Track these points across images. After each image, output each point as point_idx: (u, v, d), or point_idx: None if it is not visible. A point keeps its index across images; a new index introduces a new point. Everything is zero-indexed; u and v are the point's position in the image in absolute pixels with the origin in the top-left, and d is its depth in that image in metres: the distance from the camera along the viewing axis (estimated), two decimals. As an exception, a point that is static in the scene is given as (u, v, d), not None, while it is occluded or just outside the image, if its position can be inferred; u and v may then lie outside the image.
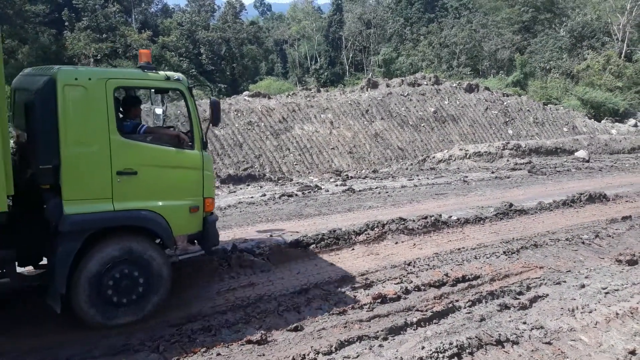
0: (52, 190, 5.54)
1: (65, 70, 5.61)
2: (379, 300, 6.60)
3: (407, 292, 6.91)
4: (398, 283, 7.21)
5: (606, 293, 6.93)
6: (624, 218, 10.66)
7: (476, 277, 7.45)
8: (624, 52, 35.92)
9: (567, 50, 38.20)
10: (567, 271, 7.83)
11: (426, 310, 6.36)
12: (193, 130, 6.41)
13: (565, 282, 7.37)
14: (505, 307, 6.50)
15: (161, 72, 6.25)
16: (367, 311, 6.35)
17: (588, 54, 35.67)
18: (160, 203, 6.06)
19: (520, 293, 6.94)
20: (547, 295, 6.90)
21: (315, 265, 7.91)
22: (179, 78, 6.27)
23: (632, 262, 8.08)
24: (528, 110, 25.27)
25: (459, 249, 8.69)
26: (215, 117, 6.43)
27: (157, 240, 6.17)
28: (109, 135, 5.70)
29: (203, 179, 6.41)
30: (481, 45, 41.11)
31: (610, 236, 9.54)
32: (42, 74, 5.76)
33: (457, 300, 6.69)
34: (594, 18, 39.26)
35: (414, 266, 7.89)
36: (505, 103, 25.04)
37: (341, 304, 6.53)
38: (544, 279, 7.45)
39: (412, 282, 7.24)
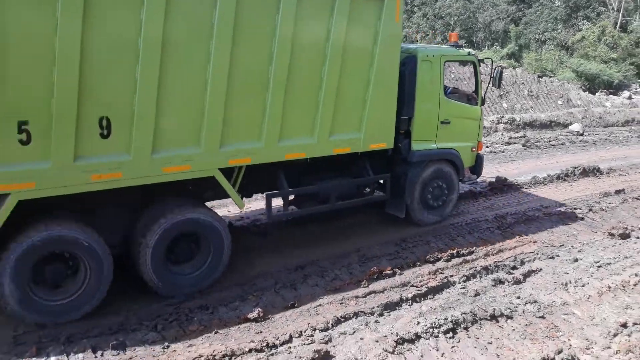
0: (405, 134, 7.90)
1: (421, 49, 7.87)
2: (374, 277, 6.67)
3: (402, 268, 6.98)
4: (393, 259, 7.27)
5: (599, 267, 7.02)
6: (617, 192, 10.73)
7: (470, 252, 7.51)
8: (619, 22, 35.64)
9: (562, 21, 37.86)
10: (560, 245, 7.92)
11: (421, 286, 6.43)
12: (477, 92, 8.93)
13: (558, 256, 7.46)
14: (499, 281, 6.59)
15: (465, 49, 8.90)
16: (362, 287, 6.40)
17: (583, 25, 35.40)
18: (458, 144, 8.59)
19: (514, 268, 7.02)
20: (541, 269, 6.98)
21: (311, 242, 7.93)
22: (474, 54, 8.97)
23: (624, 236, 8.16)
24: (523, 83, 25.11)
25: (452, 224, 8.74)
26: (498, 81, 8.88)
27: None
28: (439, 95, 8.10)
29: (479, 127, 9.02)
30: (476, 17, 40.67)
31: (603, 210, 9.62)
32: (407, 52, 7.73)
33: (451, 276, 6.76)
34: (589, -13, 38.86)
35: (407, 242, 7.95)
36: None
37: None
38: (537, 254, 7.53)
39: (407, 257, 7.30)
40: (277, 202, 7.47)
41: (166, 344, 5.14)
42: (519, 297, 6.14)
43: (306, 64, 6.30)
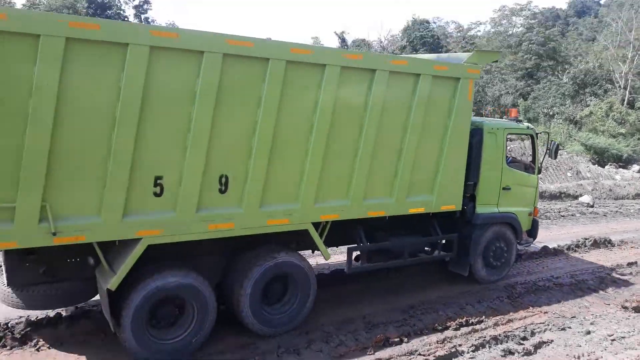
0: (470, 198, 8.53)
1: (487, 123, 8.65)
2: (381, 344, 6.49)
3: (409, 335, 6.80)
4: (400, 326, 7.10)
5: (612, 340, 6.80)
6: (630, 264, 10.55)
7: (479, 322, 7.33)
8: (626, 99, 36.29)
9: (570, 97, 38.59)
10: (572, 317, 7.71)
11: (429, 355, 6.24)
12: (534, 161, 9.78)
13: (570, 327, 7.25)
14: (509, 352, 6.38)
15: (524, 124, 9.81)
16: (368, 355, 6.23)
17: (591, 101, 36.07)
18: (517, 209, 9.23)
19: (524, 338, 6.82)
20: (552, 341, 6.78)
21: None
22: (532, 128, 9.80)
23: (638, 309, 7.96)
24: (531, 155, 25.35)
25: (461, 293, 8.57)
26: (555, 153, 9.79)
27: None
28: (502, 164, 8.84)
29: (536, 194, 9.75)
30: (485, 91, 41.69)
31: (615, 282, 9.43)
32: (474, 124, 8.31)
33: (460, 345, 6.57)
34: (596, 66, 39.82)
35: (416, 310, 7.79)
36: (508, 148, 25.09)
37: (342, 347, 6.40)
38: (548, 324, 7.33)
39: (415, 325, 7.13)
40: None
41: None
42: (529, 369, 5.93)
43: (391, 134, 7.10)
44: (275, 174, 6.24)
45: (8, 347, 6.06)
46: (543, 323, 7.40)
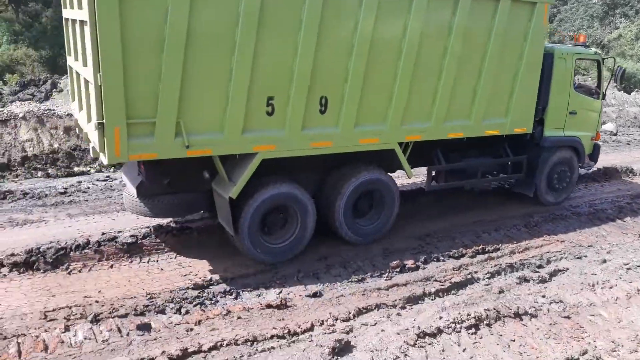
0: (539, 122, 8.88)
1: (557, 48, 8.90)
2: (397, 269, 6.65)
3: (426, 262, 6.94)
4: (417, 253, 7.23)
5: (628, 269, 6.87)
6: (651, 193, 10.47)
7: (496, 250, 7.43)
8: (659, 21, 34.60)
9: (598, 19, 36.93)
10: (588, 246, 7.77)
11: (445, 281, 6.39)
12: (599, 87, 9.92)
13: (586, 256, 7.32)
14: (524, 279, 6.51)
15: (592, 49, 10.09)
16: (385, 280, 6.41)
17: (620, 23, 34.45)
18: (581, 133, 9.55)
19: (540, 266, 6.93)
20: (568, 269, 6.87)
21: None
22: (600, 53, 10.12)
23: (656, 239, 7.96)
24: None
25: (480, 221, 8.65)
26: (620, 79, 10.07)
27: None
28: (570, 89, 9.11)
29: (599, 118, 9.97)
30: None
31: (634, 211, 9.40)
32: (545, 50, 8.46)
33: (476, 272, 6.71)
34: (628, -16, 37.77)
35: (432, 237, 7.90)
36: None
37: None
38: (564, 253, 7.41)
39: (431, 252, 7.26)
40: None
41: (190, 326, 5.22)
42: (544, 296, 6.06)
43: (471, 59, 7.51)
44: (368, 96, 6.79)
45: (41, 271, 6.34)
46: (559, 251, 7.48)
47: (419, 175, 9.20)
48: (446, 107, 7.48)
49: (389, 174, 7.70)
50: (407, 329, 5.21)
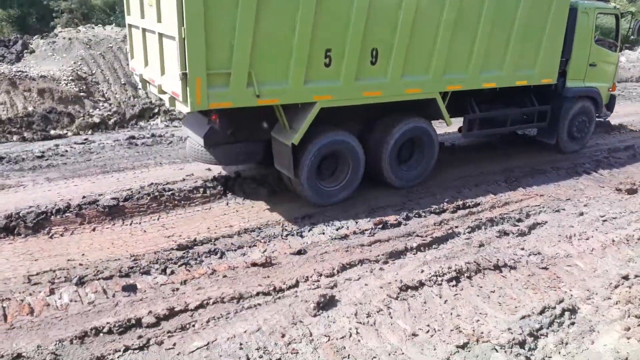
0: (562, 73, 9.47)
1: (581, 3, 9.42)
2: (380, 226, 6.73)
3: (407, 218, 7.03)
4: (399, 210, 7.32)
5: (604, 221, 7.05)
6: (627, 147, 10.67)
7: (476, 205, 7.55)
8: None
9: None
10: (566, 199, 7.93)
11: (426, 236, 6.50)
12: (617, 40, 10.68)
13: (564, 209, 7.48)
14: (504, 233, 6.64)
15: (611, 4, 10.76)
16: (368, 236, 6.49)
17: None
18: (600, 84, 10.25)
19: (519, 220, 7.07)
20: (546, 222, 7.02)
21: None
22: (618, 8, 10.85)
23: (631, 191, 8.16)
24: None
25: (460, 178, 8.75)
26: (637, 32, 11.08)
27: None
28: (591, 42, 9.79)
29: (615, 70, 10.76)
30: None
31: (611, 165, 9.59)
32: (570, 4, 8.97)
33: (456, 227, 6.82)
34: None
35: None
36: None
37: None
38: (543, 207, 7.56)
39: (412, 209, 7.35)
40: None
41: (176, 286, 5.26)
42: (523, 249, 6.21)
43: (505, 13, 8.01)
44: (414, 48, 7.30)
45: (22, 235, 6.28)
46: (538, 205, 7.63)
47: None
48: (482, 58, 8.05)
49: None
50: (389, 283, 5.32)
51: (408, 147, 8.21)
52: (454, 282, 5.40)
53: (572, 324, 4.84)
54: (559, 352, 4.44)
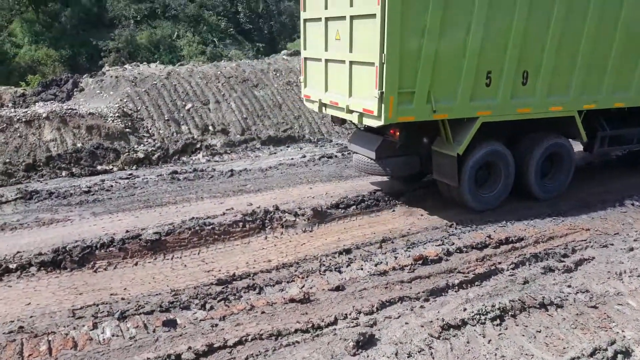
0: None
1: None
2: (420, 262, 6.62)
3: (448, 253, 6.90)
4: (439, 245, 7.19)
5: (656, 256, 6.73)
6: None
7: (520, 239, 7.35)
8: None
9: None
10: (615, 234, 7.63)
11: (468, 272, 6.35)
12: None
13: (612, 244, 7.20)
14: (549, 269, 6.42)
15: None
16: (408, 272, 6.38)
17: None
18: None
19: (565, 256, 6.83)
20: (594, 258, 6.76)
21: (357, 226, 7.97)
22: None
23: (685, 225, 7.78)
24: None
25: (502, 211, 8.55)
26: None
27: None
28: None
29: None
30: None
31: (662, 197, 9.20)
32: None
33: (499, 263, 6.65)
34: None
35: (455, 228, 7.84)
36: None
37: (382, 265, 6.58)
38: (590, 242, 7.29)
39: (454, 244, 7.21)
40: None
41: (215, 322, 5.28)
42: (569, 286, 5.98)
43: (634, 34, 8.72)
44: (557, 70, 8.21)
45: (68, 269, 6.46)
46: (585, 240, 7.36)
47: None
48: (614, 80, 8.80)
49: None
50: (431, 321, 5.20)
51: (548, 162, 8.97)
52: (497, 321, 5.22)
53: (626, 367, 4.60)
54: (613, 398, 4.21)
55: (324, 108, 8.79)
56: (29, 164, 11.19)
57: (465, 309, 5.42)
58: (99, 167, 11.52)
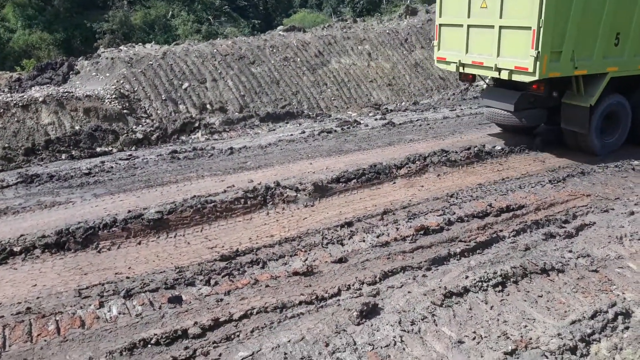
0: None
1: None
2: (421, 232, 6.65)
3: (450, 223, 6.93)
4: (441, 215, 7.22)
5: (657, 220, 6.75)
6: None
7: (521, 207, 7.37)
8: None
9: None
10: (615, 198, 7.65)
11: (470, 241, 6.38)
12: None
13: (613, 209, 7.22)
14: (550, 236, 6.46)
15: None
16: (409, 243, 6.42)
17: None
18: None
19: (566, 222, 6.86)
20: (594, 223, 6.79)
21: (359, 199, 8.00)
22: None
23: (685, 188, 7.79)
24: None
25: (503, 179, 8.57)
26: None
27: None
28: None
29: None
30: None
31: (663, 161, 9.19)
32: None
33: (501, 230, 6.68)
34: None
35: (456, 198, 7.86)
36: None
37: (384, 236, 6.62)
38: (591, 207, 7.32)
39: (454, 213, 7.24)
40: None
41: (220, 297, 5.34)
42: (570, 251, 6.01)
43: None
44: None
45: (72, 251, 6.51)
46: (585, 206, 7.38)
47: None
48: None
49: None
50: (433, 290, 5.24)
51: (609, 120, 9.84)
52: (499, 288, 5.27)
53: (627, 328, 4.65)
54: (613, 358, 4.27)
55: (462, 68, 9.98)
56: (28, 148, 11.18)
57: (467, 277, 5.47)
58: (98, 149, 11.51)
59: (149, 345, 4.58)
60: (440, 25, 10.43)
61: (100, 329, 4.88)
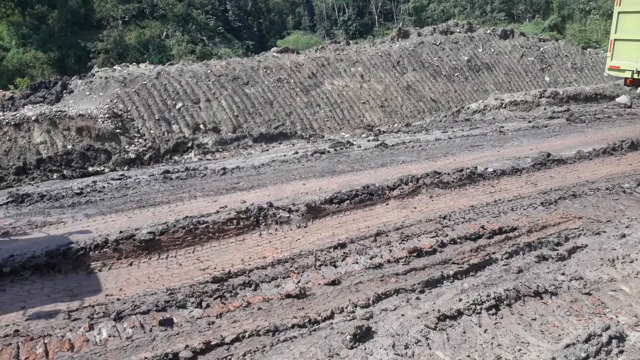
0: None
1: None
2: (414, 254, 6.64)
3: (442, 245, 6.93)
4: (433, 237, 7.22)
5: (648, 242, 6.79)
6: (668, 165, 10.32)
7: (513, 229, 7.39)
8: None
9: (609, -11, 36.21)
10: (607, 221, 7.69)
11: (463, 263, 6.38)
12: None
13: (605, 232, 7.25)
14: (543, 258, 6.47)
15: None
16: (403, 265, 6.41)
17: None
18: None
19: (558, 244, 6.88)
20: (586, 245, 6.81)
21: (352, 220, 7.99)
22: None
23: (676, 211, 7.85)
24: (566, 55, 24.32)
25: (495, 201, 8.61)
26: None
27: None
28: None
29: None
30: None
31: (653, 184, 9.27)
32: None
33: (493, 253, 6.68)
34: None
35: (449, 219, 7.87)
36: (541, 49, 24.11)
37: (377, 258, 6.60)
38: (582, 230, 7.35)
39: (447, 235, 7.24)
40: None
41: (211, 319, 5.28)
42: (563, 274, 6.01)
43: None
44: None
45: (62, 272, 6.43)
46: (577, 228, 7.42)
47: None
48: None
49: None
50: (427, 313, 5.21)
51: None
52: (493, 311, 5.25)
53: (621, 352, 4.64)
54: (608, 383, 4.25)
55: (637, 74, 11.56)
56: (20, 167, 11.13)
57: (460, 299, 5.45)
58: (90, 169, 11.47)
59: (139, 369, 4.51)
60: (615, 40, 12.26)
61: (89, 352, 4.80)
